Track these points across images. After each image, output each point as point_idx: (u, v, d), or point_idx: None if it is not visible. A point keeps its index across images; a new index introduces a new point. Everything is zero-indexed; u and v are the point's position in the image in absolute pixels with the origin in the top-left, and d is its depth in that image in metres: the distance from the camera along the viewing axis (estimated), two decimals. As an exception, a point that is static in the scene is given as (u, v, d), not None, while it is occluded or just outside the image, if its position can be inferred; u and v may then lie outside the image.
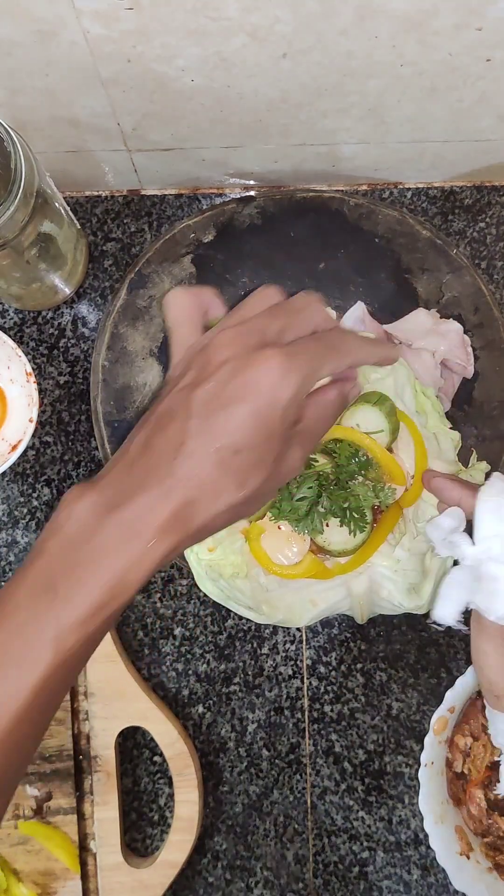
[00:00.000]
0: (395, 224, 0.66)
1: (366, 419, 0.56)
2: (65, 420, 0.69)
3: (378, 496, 0.55)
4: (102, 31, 0.49)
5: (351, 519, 0.54)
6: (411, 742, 0.67)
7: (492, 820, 0.61)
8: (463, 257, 0.65)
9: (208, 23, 0.48)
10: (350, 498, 0.54)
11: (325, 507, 0.54)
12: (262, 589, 0.57)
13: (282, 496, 0.54)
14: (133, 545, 0.35)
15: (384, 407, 0.57)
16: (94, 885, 0.63)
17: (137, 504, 0.36)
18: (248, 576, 0.56)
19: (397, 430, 0.57)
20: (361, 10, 0.47)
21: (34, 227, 0.54)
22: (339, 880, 0.66)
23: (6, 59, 0.52)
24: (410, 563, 0.57)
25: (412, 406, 0.60)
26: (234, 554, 0.56)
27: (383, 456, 0.56)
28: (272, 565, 0.56)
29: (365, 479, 0.56)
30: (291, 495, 0.54)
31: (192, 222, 0.66)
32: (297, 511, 0.54)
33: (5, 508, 0.68)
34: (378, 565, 0.57)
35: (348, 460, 0.55)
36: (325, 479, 0.55)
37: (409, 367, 0.60)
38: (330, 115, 0.60)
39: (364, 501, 0.54)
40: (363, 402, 0.57)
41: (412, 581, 0.57)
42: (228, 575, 0.56)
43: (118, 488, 0.37)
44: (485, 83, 0.56)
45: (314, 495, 0.54)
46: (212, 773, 0.67)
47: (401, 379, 0.59)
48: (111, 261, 0.70)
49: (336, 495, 0.54)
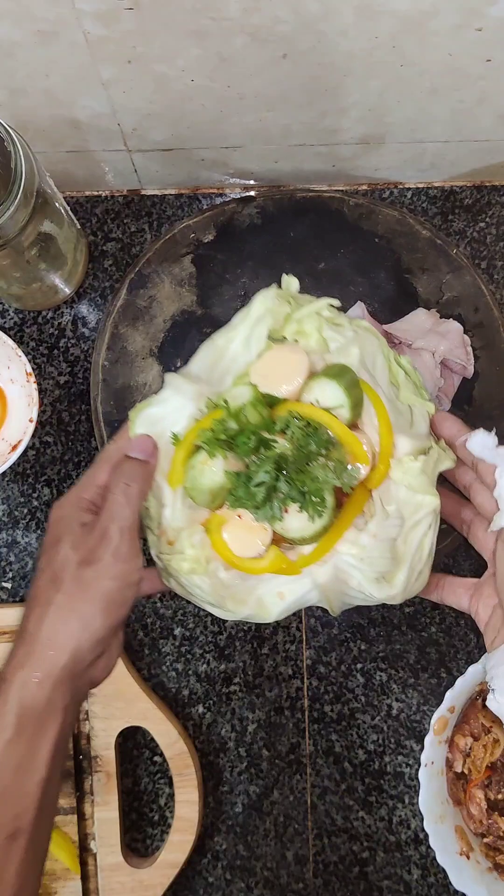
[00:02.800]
0: (395, 224, 0.66)
1: (324, 394, 0.51)
2: (65, 420, 0.69)
3: (339, 477, 0.51)
4: (103, 32, 0.49)
5: (309, 503, 0.50)
6: (411, 742, 0.67)
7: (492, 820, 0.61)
8: (463, 257, 0.65)
9: (209, 23, 0.48)
10: (307, 481, 0.50)
11: (284, 493, 0.50)
12: (222, 584, 0.53)
13: (238, 482, 0.50)
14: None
15: (343, 380, 0.52)
16: (94, 886, 0.63)
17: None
18: (207, 571, 0.52)
19: (360, 404, 0.52)
20: (361, 11, 0.47)
21: (34, 226, 0.54)
22: (339, 880, 0.66)
23: (7, 59, 0.52)
24: (377, 550, 0.52)
25: (385, 377, 0.55)
26: (191, 548, 0.52)
27: (344, 434, 0.51)
28: (234, 559, 0.52)
29: (326, 460, 0.51)
30: (249, 480, 0.50)
31: (192, 222, 0.66)
32: (255, 498, 0.50)
33: (5, 508, 0.68)
34: (342, 553, 0.52)
35: (306, 440, 0.50)
36: (284, 462, 0.51)
37: (379, 336, 0.56)
38: (330, 115, 0.60)
39: (323, 484, 0.50)
40: (321, 376, 0.52)
41: (381, 569, 0.52)
42: (186, 571, 0.52)
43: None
44: (485, 83, 0.56)
45: (271, 480, 0.50)
46: (212, 773, 0.67)
47: (369, 347, 0.55)
48: (111, 261, 0.70)
49: (295, 479, 0.50)
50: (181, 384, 0.53)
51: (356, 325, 0.56)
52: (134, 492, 0.49)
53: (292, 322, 0.54)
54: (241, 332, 0.54)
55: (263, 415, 0.51)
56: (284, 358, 0.54)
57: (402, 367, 0.56)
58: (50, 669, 0.45)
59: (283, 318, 0.54)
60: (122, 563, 0.47)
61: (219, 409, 0.52)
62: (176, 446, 0.52)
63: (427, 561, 0.54)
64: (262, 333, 0.53)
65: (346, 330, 0.55)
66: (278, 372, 0.53)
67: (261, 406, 0.51)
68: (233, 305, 0.67)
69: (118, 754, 0.65)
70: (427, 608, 0.68)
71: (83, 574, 0.47)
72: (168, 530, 0.52)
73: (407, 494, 0.53)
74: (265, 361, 0.54)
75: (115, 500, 0.49)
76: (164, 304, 0.67)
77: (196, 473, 0.51)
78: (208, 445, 0.50)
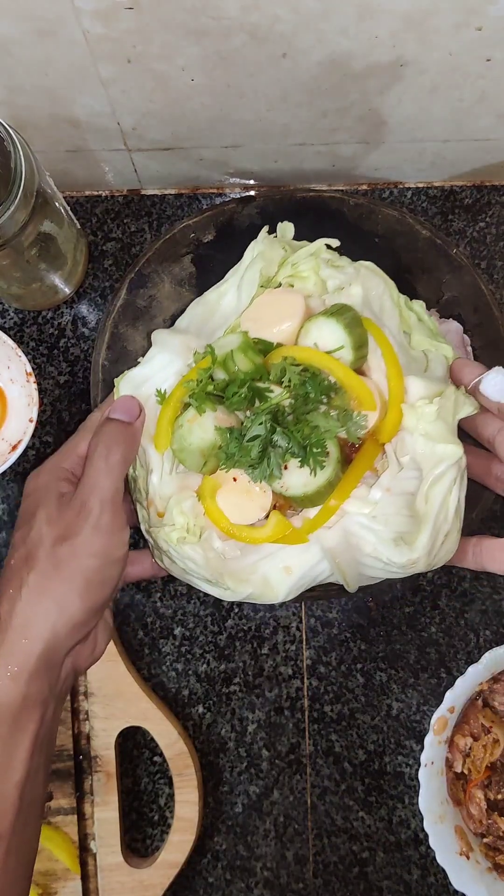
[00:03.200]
0: (395, 224, 0.66)
1: (323, 335, 0.46)
2: (65, 420, 0.69)
3: (344, 425, 0.45)
4: (102, 31, 0.49)
5: (310, 454, 0.44)
6: (411, 742, 0.67)
7: (491, 820, 0.61)
8: (463, 257, 0.65)
9: (208, 22, 0.48)
10: (307, 430, 0.44)
11: (282, 447, 0.44)
12: (218, 557, 0.47)
13: (230, 438, 0.45)
14: None
15: (343, 318, 0.46)
16: (94, 886, 0.63)
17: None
18: (201, 541, 0.46)
19: (364, 344, 0.47)
20: (361, 10, 0.47)
21: (34, 226, 0.54)
22: (339, 880, 0.66)
23: (6, 57, 0.52)
24: (392, 506, 0.45)
25: (394, 322, 0.50)
26: (181, 515, 0.46)
27: (347, 376, 0.45)
28: (231, 528, 0.46)
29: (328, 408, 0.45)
30: (242, 435, 0.45)
31: (192, 222, 0.66)
32: (249, 454, 0.44)
33: (5, 508, 0.68)
34: (352, 514, 0.46)
35: (302, 387, 0.45)
36: (281, 415, 0.45)
37: (387, 279, 0.51)
38: (330, 115, 0.60)
39: (325, 433, 0.44)
40: (320, 315, 0.47)
41: (398, 529, 0.45)
42: (175, 541, 0.46)
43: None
44: (485, 82, 0.56)
45: (267, 433, 0.44)
46: (212, 773, 0.67)
47: (375, 289, 0.49)
48: (111, 261, 0.70)
49: (293, 431, 0.44)
50: (165, 338, 0.49)
51: (359, 265, 0.51)
52: (116, 458, 0.44)
53: (287, 266, 0.50)
54: (231, 283, 0.50)
55: (255, 362, 0.46)
56: (277, 300, 0.49)
57: (413, 311, 0.51)
58: (24, 661, 0.41)
59: (278, 263, 0.50)
60: (103, 537, 0.43)
61: (206, 359, 0.46)
62: (162, 405, 0.47)
63: (454, 521, 0.47)
64: (254, 278, 0.49)
65: (346, 269, 0.50)
66: (271, 315, 0.48)
67: (251, 352, 0.46)
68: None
69: (118, 754, 0.65)
70: (427, 608, 0.68)
71: (59, 551, 0.42)
72: (156, 500, 0.47)
73: (424, 445, 0.46)
74: (256, 306, 0.49)
75: (94, 468, 0.44)
76: (164, 304, 0.66)
77: (184, 432, 0.46)
78: (195, 400, 0.45)
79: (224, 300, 0.50)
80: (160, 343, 0.49)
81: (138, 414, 0.47)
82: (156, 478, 0.47)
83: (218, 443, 0.45)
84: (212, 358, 0.46)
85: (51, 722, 0.43)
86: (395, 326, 0.50)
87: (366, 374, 0.47)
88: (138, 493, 0.48)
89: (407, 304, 0.51)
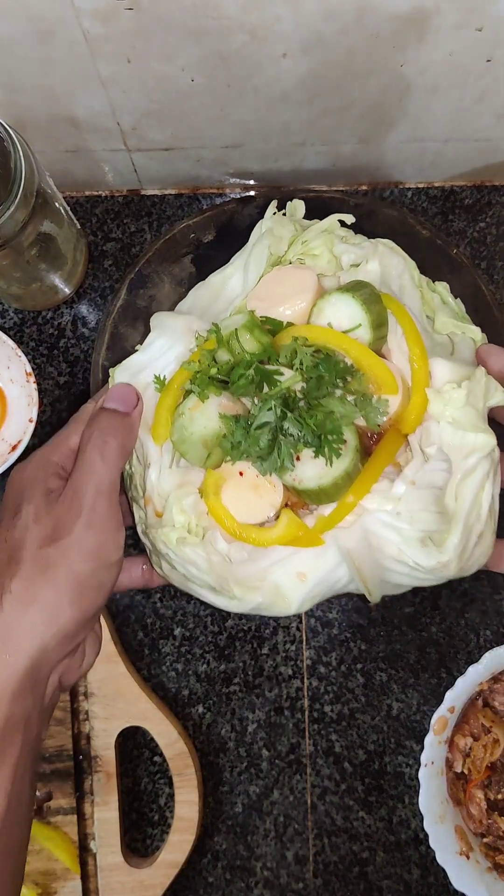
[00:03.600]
0: (395, 224, 0.66)
1: (338, 313, 0.41)
2: (65, 420, 0.68)
3: (363, 410, 0.40)
4: (102, 31, 0.49)
5: (325, 443, 0.39)
6: (411, 742, 0.67)
7: (491, 820, 0.61)
8: (463, 257, 0.65)
9: (208, 22, 0.48)
10: (321, 417, 0.39)
11: (294, 434, 0.39)
12: (224, 561, 0.41)
13: (236, 427, 0.40)
14: None
15: (360, 294, 0.41)
16: (94, 885, 0.63)
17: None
18: (203, 543, 0.41)
19: (384, 323, 0.42)
20: (362, 10, 0.47)
21: (34, 226, 0.54)
22: (339, 880, 0.66)
23: (6, 57, 0.52)
24: (419, 502, 0.40)
25: (416, 303, 0.45)
26: (181, 513, 0.41)
27: (365, 356, 0.40)
28: (238, 528, 0.41)
29: (345, 392, 0.41)
30: (249, 424, 0.40)
31: (192, 222, 0.66)
32: (258, 443, 0.39)
33: (5, 508, 0.68)
34: (373, 511, 0.40)
35: (315, 369, 0.40)
36: (292, 401, 0.40)
37: (407, 258, 0.46)
38: (330, 114, 0.60)
39: (342, 419, 0.39)
40: (334, 291, 0.42)
41: (425, 527, 0.40)
42: (175, 542, 0.41)
43: None
44: (485, 82, 0.56)
45: (277, 419, 0.39)
46: (212, 773, 0.67)
47: (394, 267, 0.45)
48: (111, 261, 0.70)
49: (306, 417, 0.39)
50: (165, 320, 0.44)
51: (377, 241, 0.47)
52: (112, 448, 0.40)
53: (297, 244, 0.46)
54: (237, 265, 0.46)
55: (262, 342, 0.42)
56: (287, 276, 0.44)
57: (437, 292, 0.47)
58: (6, 679, 0.36)
59: (287, 241, 0.46)
60: (97, 536, 0.38)
61: (210, 341, 0.42)
62: (161, 392, 0.43)
63: (488, 521, 0.42)
64: (262, 256, 0.44)
65: (363, 245, 0.46)
66: (280, 293, 0.44)
67: (258, 331, 0.42)
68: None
69: (118, 754, 0.65)
70: (427, 608, 0.68)
71: (47, 553, 0.37)
72: (154, 497, 0.42)
73: (453, 434, 0.41)
74: (264, 283, 0.44)
75: (88, 460, 0.39)
76: (164, 304, 0.66)
77: (185, 421, 0.41)
78: (197, 385, 0.41)
79: (230, 283, 0.46)
80: (159, 326, 0.44)
81: (136, 403, 0.42)
82: (154, 473, 0.42)
83: (222, 432, 0.41)
84: (217, 338, 0.41)
85: (34, 743, 0.38)
86: (417, 308, 0.45)
87: (386, 356, 0.42)
88: (135, 491, 0.44)
89: (430, 286, 0.47)
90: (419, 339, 0.42)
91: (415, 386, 0.41)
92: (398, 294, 0.44)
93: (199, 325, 0.43)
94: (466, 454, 0.40)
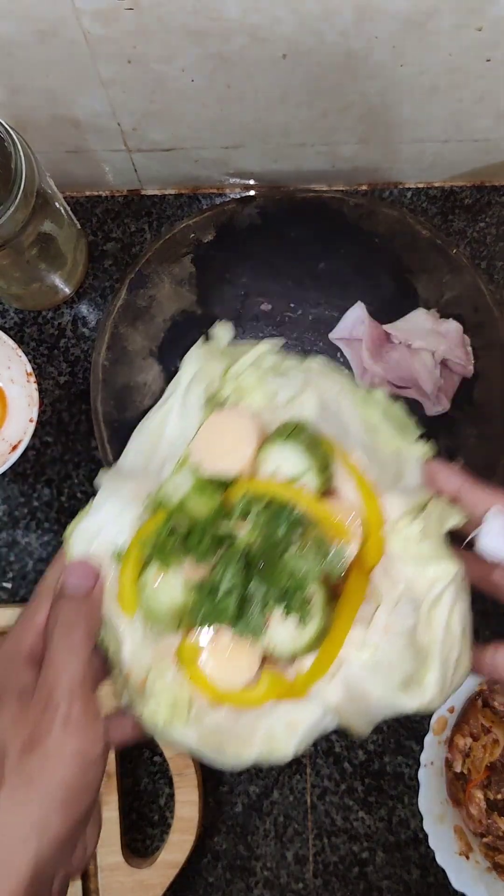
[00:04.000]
0: (395, 224, 0.66)
1: (283, 462, 0.41)
2: (65, 420, 0.69)
3: (323, 562, 0.40)
4: (102, 31, 0.49)
5: (293, 605, 0.39)
6: (411, 742, 0.67)
7: (491, 820, 0.62)
8: (463, 257, 0.65)
9: (208, 23, 0.48)
10: (284, 578, 0.39)
11: (261, 596, 0.40)
12: (214, 730, 0.41)
13: (200, 596, 0.40)
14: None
15: (300, 440, 0.41)
16: (94, 885, 0.63)
17: None
18: (188, 718, 0.41)
19: (329, 464, 0.42)
20: (361, 11, 0.47)
21: (34, 226, 0.54)
22: (339, 880, 0.66)
23: (7, 58, 0.52)
24: (394, 648, 0.40)
25: (356, 422, 0.45)
26: (164, 691, 0.41)
27: (314, 508, 0.40)
28: (221, 694, 0.41)
29: (303, 545, 0.40)
30: (214, 591, 0.40)
31: (192, 222, 0.66)
32: (226, 612, 0.39)
33: (5, 508, 0.68)
34: (351, 662, 0.41)
35: (269, 527, 0.40)
36: (254, 558, 0.40)
37: (341, 371, 0.47)
38: (330, 115, 0.60)
39: (306, 576, 0.39)
40: (276, 439, 0.42)
41: (404, 672, 0.40)
42: (163, 723, 0.40)
43: None
44: (485, 83, 0.56)
45: (240, 584, 0.39)
46: (212, 773, 0.67)
47: (329, 391, 0.45)
48: (111, 261, 0.70)
49: (270, 576, 0.39)
50: (112, 484, 0.44)
51: (308, 367, 0.46)
52: (78, 638, 0.40)
53: (229, 380, 0.45)
54: (174, 406, 0.45)
55: (213, 502, 0.41)
56: (225, 426, 0.44)
57: (376, 403, 0.46)
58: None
59: (220, 377, 0.45)
60: (77, 734, 0.37)
61: (160, 510, 0.42)
62: (121, 566, 0.42)
63: (462, 642, 0.42)
64: (197, 402, 0.44)
65: (295, 376, 0.45)
66: (222, 445, 0.43)
67: (209, 492, 0.42)
68: (233, 305, 0.67)
69: (118, 754, 0.65)
70: (427, 608, 0.68)
71: (28, 763, 0.37)
72: (134, 672, 0.42)
73: (415, 569, 0.42)
74: (204, 435, 0.44)
75: (56, 656, 0.39)
76: (164, 304, 0.67)
77: (150, 594, 0.41)
78: (157, 557, 0.41)
79: (168, 426, 0.45)
80: (108, 490, 0.43)
81: (94, 581, 0.42)
82: (128, 648, 0.42)
83: (189, 601, 0.41)
84: (165, 513, 0.41)
85: None
86: (358, 425, 0.45)
87: (336, 492, 0.42)
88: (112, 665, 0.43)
89: (363, 398, 0.46)
90: (365, 484, 0.42)
91: (370, 529, 0.41)
92: (337, 413, 0.44)
93: (147, 486, 0.43)
94: (431, 584, 0.41)
